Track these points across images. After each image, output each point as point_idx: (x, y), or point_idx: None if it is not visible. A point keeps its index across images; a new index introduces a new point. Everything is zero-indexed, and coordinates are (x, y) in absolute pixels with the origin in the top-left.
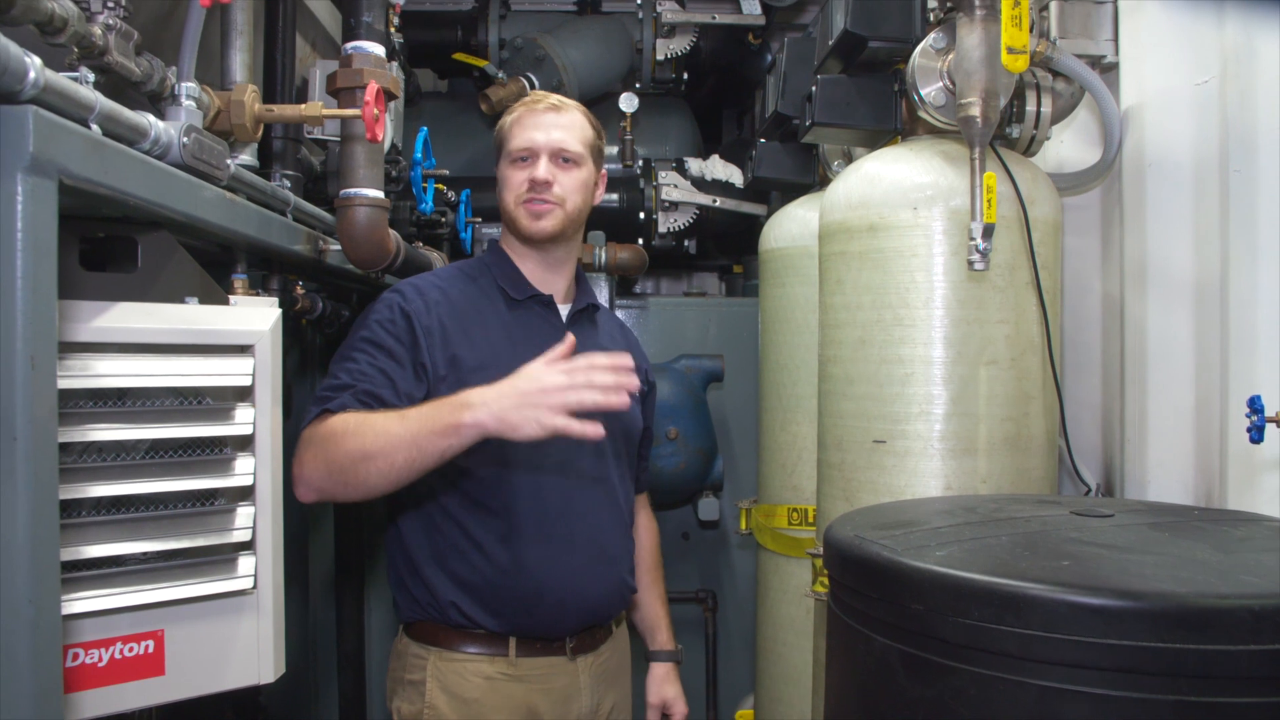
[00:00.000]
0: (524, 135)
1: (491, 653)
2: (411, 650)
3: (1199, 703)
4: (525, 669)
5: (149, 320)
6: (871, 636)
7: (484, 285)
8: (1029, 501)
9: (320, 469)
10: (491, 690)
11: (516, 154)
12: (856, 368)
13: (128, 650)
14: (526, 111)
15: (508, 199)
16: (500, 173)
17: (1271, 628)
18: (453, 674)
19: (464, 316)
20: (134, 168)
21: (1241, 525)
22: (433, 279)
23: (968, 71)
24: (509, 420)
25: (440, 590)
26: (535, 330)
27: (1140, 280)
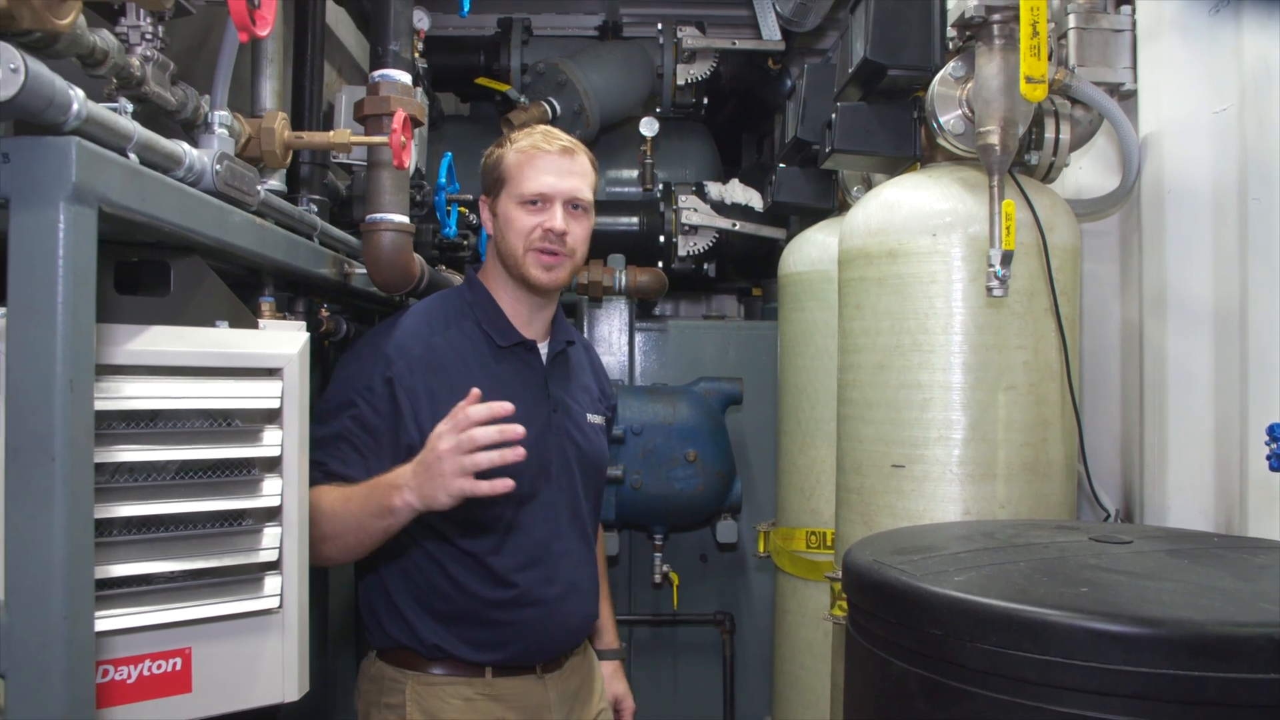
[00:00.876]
0: (539, 179)
1: (469, 675)
2: (388, 674)
3: None
4: (500, 689)
5: (180, 343)
6: (890, 661)
7: (467, 330)
8: (1047, 527)
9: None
10: (469, 709)
11: (529, 196)
12: (875, 392)
13: (156, 667)
14: (539, 152)
15: (515, 243)
16: (504, 210)
17: None
18: (432, 697)
19: (450, 372)
20: (169, 195)
21: (1261, 553)
22: (416, 327)
23: (986, 100)
24: (425, 494)
25: (422, 630)
26: (521, 379)
27: (1159, 307)
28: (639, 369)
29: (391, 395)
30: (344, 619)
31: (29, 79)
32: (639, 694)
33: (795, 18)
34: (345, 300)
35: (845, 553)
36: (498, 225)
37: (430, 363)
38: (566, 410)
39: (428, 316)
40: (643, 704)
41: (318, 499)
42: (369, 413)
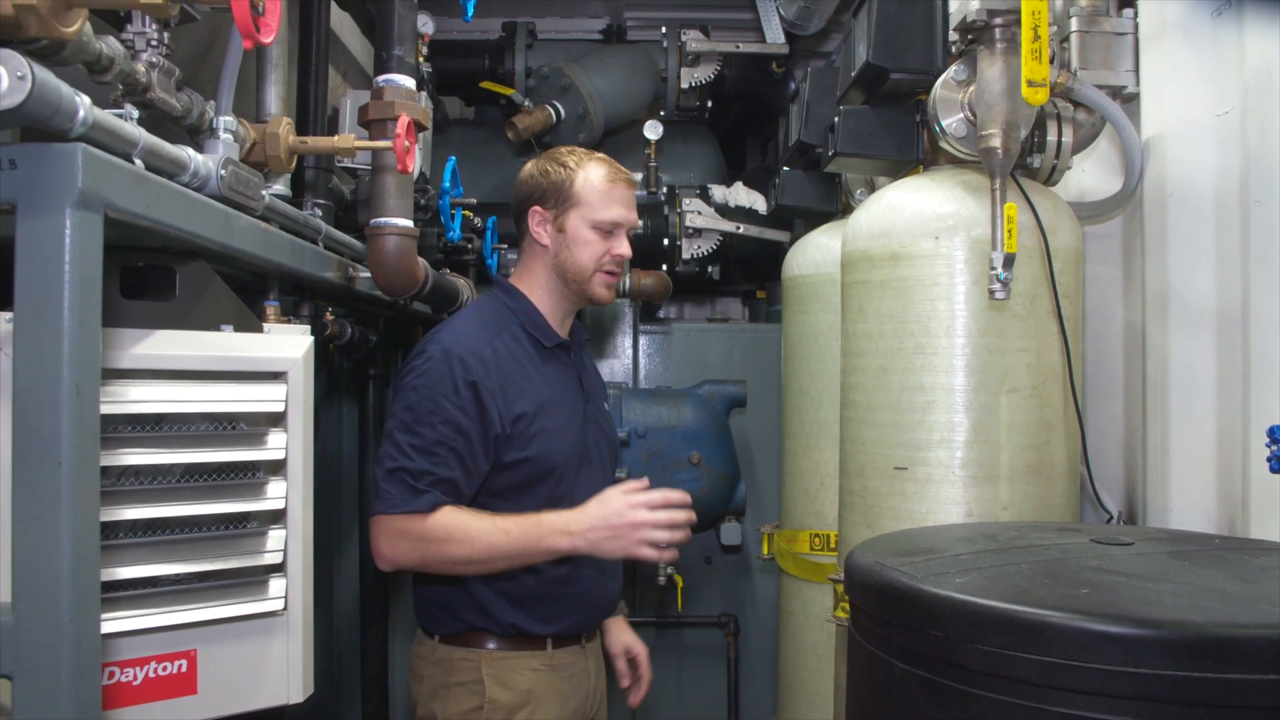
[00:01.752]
0: (617, 210)
1: (533, 649)
2: (457, 656)
3: None
4: (558, 660)
5: (186, 347)
6: (892, 662)
7: (515, 333)
8: (1050, 529)
9: (414, 560)
10: (539, 681)
11: (605, 224)
12: (878, 395)
13: (161, 669)
14: (618, 184)
15: (584, 262)
16: (575, 229)
17: None
18: (506, 670)
19: (514, 372)
20: (174, 200)
21: (1262, 554)
22: (476, 333)
23: (989, 103)
24: (602, 549)
25: (498, 613)
26: (563, 378)
27: (1162, 309)
28: (643, 372)
29: (477, 398)
30: (349, 621)
31: (35, 86)
32: (645, 695)
33: (799, 21)
34: (350, 304)
35: (847, 555)
36: (563, 240)
37: (498, 365)
38: (593, 400)
39: (481, 324)
40: (647, 705)
41: (465, 523)
42: (459, 415)
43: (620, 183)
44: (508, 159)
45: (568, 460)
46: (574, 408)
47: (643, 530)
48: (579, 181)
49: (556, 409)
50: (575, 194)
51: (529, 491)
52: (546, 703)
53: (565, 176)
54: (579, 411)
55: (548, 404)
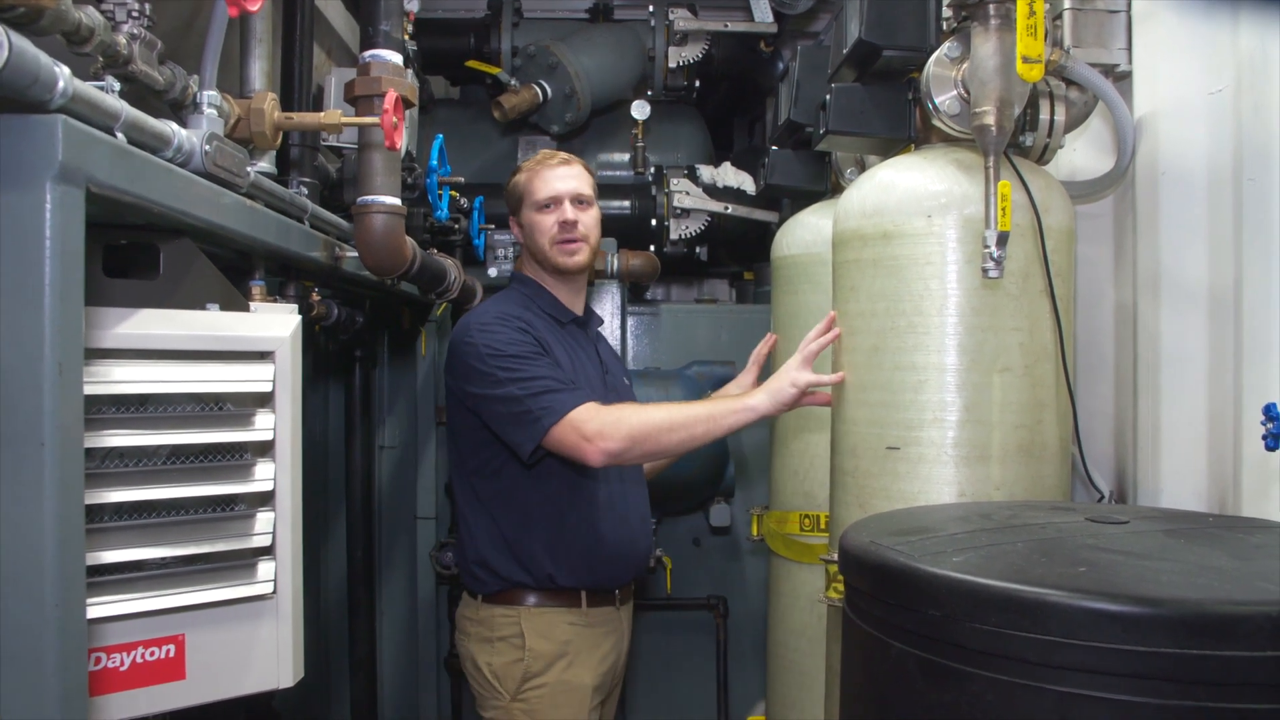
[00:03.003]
0: (547, 186)
1: (570, 605)
2: (497, 614)
3: (1218, 709)
4: (593, 618)
5: (171, 327)
6: (889, 642)
7: (536, 312)
8: (1044, 508)
9: (625, 436)
10: (575, 634)
11: (543, 202)
12: (870, 375)
13: (149, 654)
14: (543, 167)
15: (542, 241)
16: (528, 220)
17: None
18: (544, 623)
19: (548, 340)
20: (158, 175)
21: (1257, 532)
22: (509, 310)
23: (982, 80)
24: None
25: (535, 565)
26: (583, 349)
27: (1154, 288)
28: (631, 353)
29: (534, 339)
30: (337, 605)
31: (13, 55)
32: (633, 678)
33: (787, 0)
34: (336, 285)
35: (842, 534)
36: (527, 233)
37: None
38: (612, 372)
39: (509, 305)
40: (638, 687)
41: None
42: (531, 345)
43: (545, 163)
44: (494, 139)
45: None
46: (593, 379)
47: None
48: (522, 180)
49: (583, 376)
50: (521, 191)
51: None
52: (584, 654)
53: (514, 182)
54: (599, 383)
55: (577, 371)
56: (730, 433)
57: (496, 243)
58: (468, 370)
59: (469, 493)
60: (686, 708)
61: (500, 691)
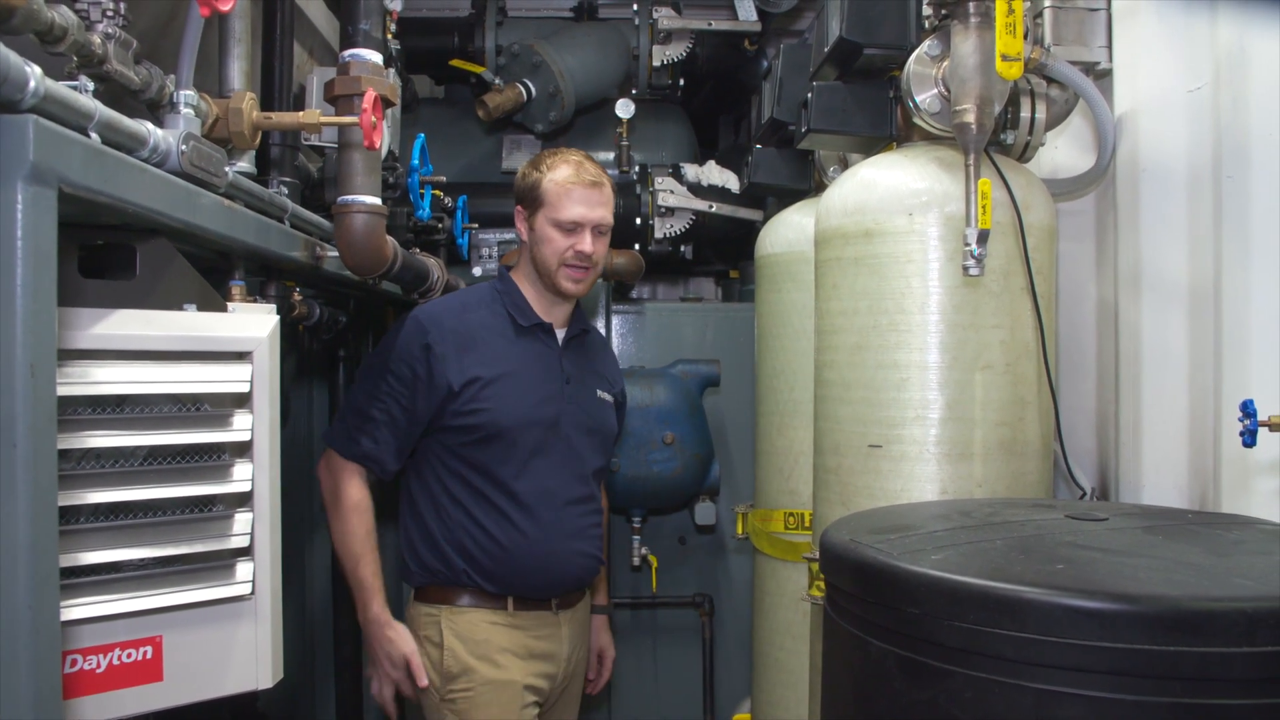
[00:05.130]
0: (575, 209)
1: (493, 607)
2: (423, 612)
3: (1194, 705)
4: (521, 619)
5: (147, 327)
6: (868, 640)
7: (495, 310)
8: (1024, 505)
9: (324, 490)
10: (496, 632)
11: (565, 224)
12: (853, 373)
13: (126, 656)
14: (576, 184)
15: (549, 258)
16: (541, 229)
17: (1265, 630)
18: (463, 623)
19: (477, 340)
20: (133, 175)
21: (1235, 528)
22: (449, 305)
23: (962, 78)
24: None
25: (454, 561)
26: (535, 353)
27: (1135, 285)
28: (616, 352)
29: (426, 358)
30: (322, 605)
31: None
32: (619, 677)
33: None
34: (319, 285)
35: (822, 533)
36: (534, 237)
37: (460, 331)
38: (580, 383)
39: (462, 301)
40: (623, 686)
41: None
42: (406, 370)
43: (581, 184)
44: (478, 138)
45: (522, 429)
46: (547, 384)
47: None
48: (545, 184)
49: (520, 381)
50: (541, 195)
51: (480, 449)
52: (511, 654)
53: (535, 180)
54: (554, 390)
55: (510, 374)
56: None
57: (481, 241)
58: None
59: (412, 477)
60: (672, 706)
61: (430, 691)
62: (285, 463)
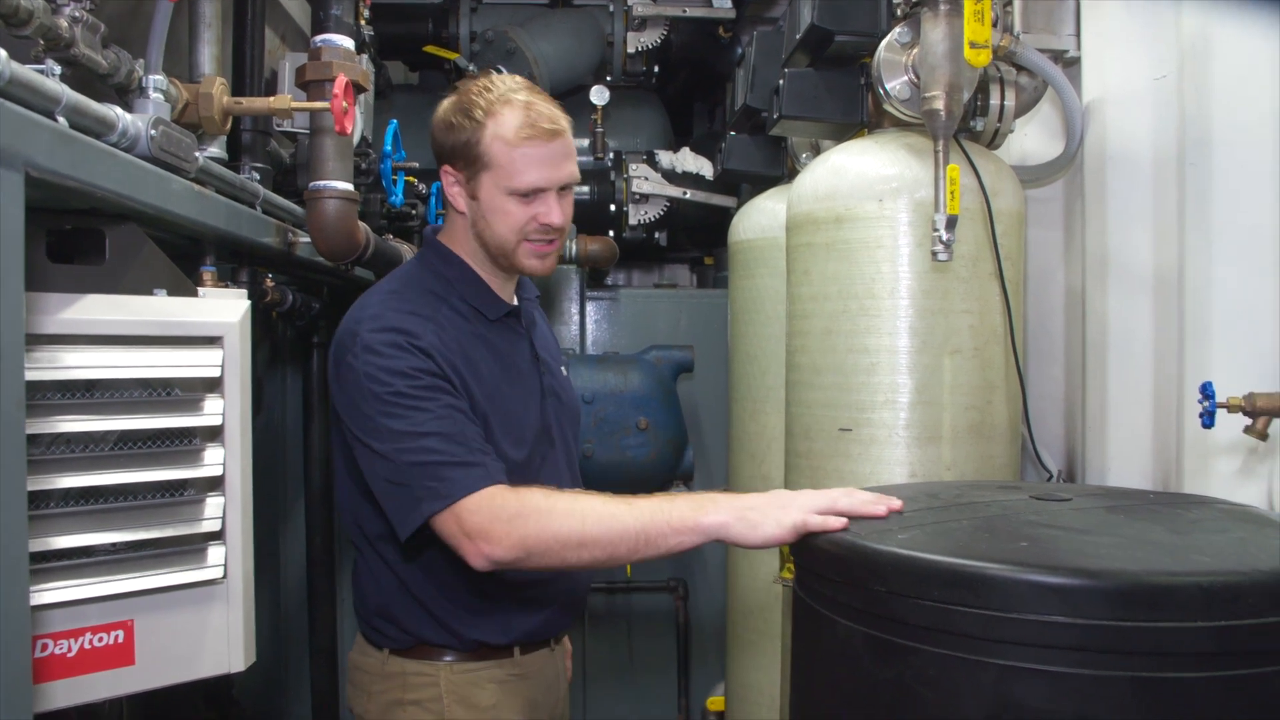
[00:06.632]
0: (532, 172)
1: (499, 657)
2: (410, 669)
3: (1153, 678)
4: (526, 667)
5: (117, 312)
6: (835, 620)
7: (456, 305)
8: (990, 487)
9: (514, 544)
10: (504, 693)
11: (522, 190)
12: (823, 357)
13: (97, 640)
14: (532, 137)
15: (505, 235)
16: (489, 198)
17: (1221, 604)
18: (467, 685)
19: (459, 357)
20: (101, 160)
21: (1194, 507)
22: (413, 308)
23: (932, 65)
24: (749, 520)
25: (458, 626)
26: (515, 351)
27: (1101, 272)
28: (590, 338)
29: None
30: (296, 594)
31: None
32: (595, 662)
33: None
34: (292, 271)
35: None
36: (479, 209)
37: (446, 342)
38: (549, 369)
39: (418, 300)
40: (599, 671)
41: (575, 496)
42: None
43: (538, 137)
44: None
45: (531, 451)
46: (530, 384)
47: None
48: (487, 138)
49: (511, 392)
50: (484, 155)
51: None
52: (514, 716)
53: (472, 131)
54: (536, 387)
55: (500, 389)
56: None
57: None
58: (347, 402)
59: (356, 529)
60: (647, 690)
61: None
62: (259, 449)
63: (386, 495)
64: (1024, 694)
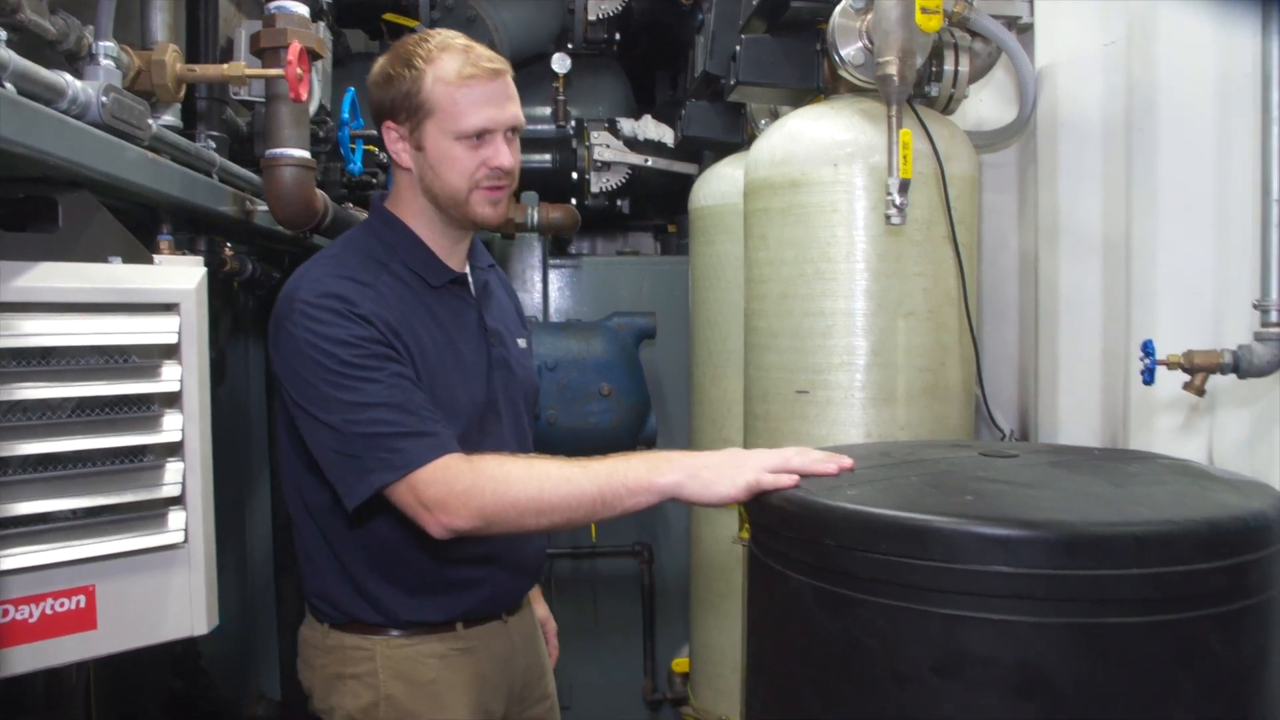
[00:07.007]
0: (479, 113)
1: (440, 632)
2: (349, 644)
3: (1089, 624)
4: (471, 639)
5: (72, 279)
6: (787, 574)
7: (397, 271)
8: (942, 446)
9: (473, 514)
10: (445, 668)
11: (470, 133)
12: (780, 321)
13: (59, 606)
14: (475, 76)
15: (455, 182)
16: (436, 146)
17: (1154, 552)
18: (405, 660)
19: (400, 324)
20: (51, 127)
21: (1135, 462)
22: (352, 274)
23: (885, 31)
24: (702, 478)
25: (393, 606)
26: (460, 320)
27: (1053, 236)
28: (553, 306)
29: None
30: (262, 563)
31: None
32: (561, 627)
33: None
34: (253, 241)
35: None
36: (425, 160)
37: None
38: (501, 340)
39: (354, 265)
40: (565, 635)
41: (531, 461)
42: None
43: (481, 76)
44: None
45: (469, 425)
46: (475, 356)
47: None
48: (428, 85)
49: (452, 363)
50: (426, 101)
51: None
52: (457, 691)
53: (412, 80)
54: (482, 358)
55: (441, 359)
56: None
57: None
58: (287, 369)
59: (298, 499)
60: (614, 654)
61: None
62: (223, 418)
63: (334, 466)
64: (967, 642)
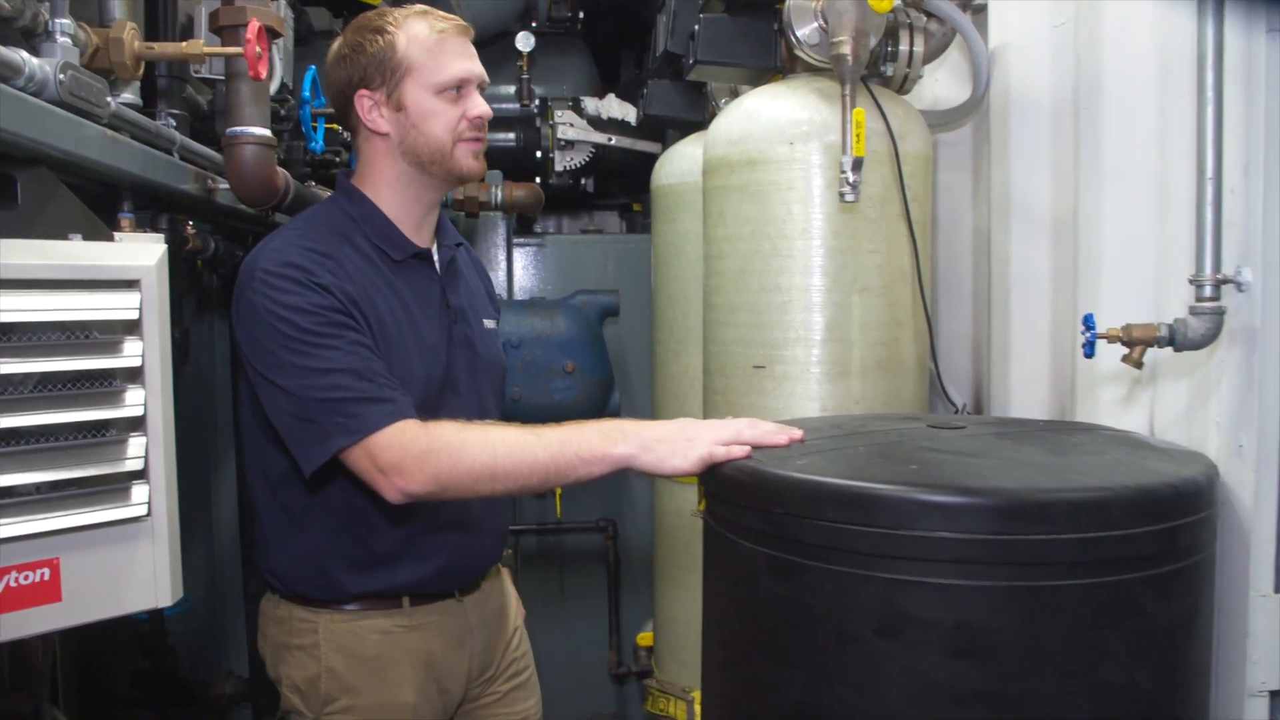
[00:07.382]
0: (457, 64)
1: (385, 608)
2: (296, 615)
3: (1027, 586)
4: (419, 617)
5: (31, 256)
6: (739, 542)
7: (359, 244)
8: (893, 419)
9: (428, 479)
10: (389, 644)
11: (450, 84)
12: (738, 296)
13: (23, 578)
14: (447, 35)
15: (440, 135)
16: (417, 102)
17: (1088, 517)
18: (348, 634)
19: (363, 289)
20: (8, 104)
21: (1078, 433)
22: (313, 245)
23: (839, 11)
24: (656, 452)
25: (338, 576)
26: (421, 294)
27: (1005, 213)
28: (518, 284)
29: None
30: (229, 539)
31: None
32: (527, 602)
33: None
34: (216, 219)
35: None
36: (406, 119)
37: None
38: (465, 319)
39: (320, 238)
40: (531, 611)
41: (484, 430)
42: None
43: (450, 33)
44: None
45: (425, 400)
46: (435, 332)
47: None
48: (402, 45)
49: (411, 338)
50: (403, 60)
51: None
52: (401, 667)
53: (386, 44)
54: (443, 335)
55: (400, 333)
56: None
57: None
58: (248, 337)
59: (258, 470)
60: (580, 630)
61: (303, 710)
62: (188, 397)
63: (291, 431)
64: (909, 604)
